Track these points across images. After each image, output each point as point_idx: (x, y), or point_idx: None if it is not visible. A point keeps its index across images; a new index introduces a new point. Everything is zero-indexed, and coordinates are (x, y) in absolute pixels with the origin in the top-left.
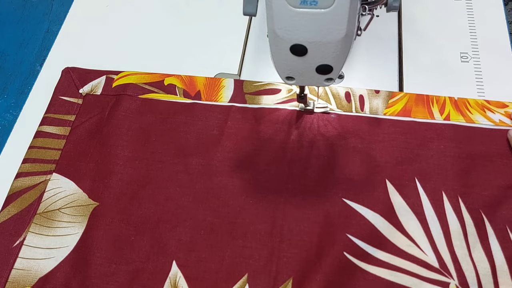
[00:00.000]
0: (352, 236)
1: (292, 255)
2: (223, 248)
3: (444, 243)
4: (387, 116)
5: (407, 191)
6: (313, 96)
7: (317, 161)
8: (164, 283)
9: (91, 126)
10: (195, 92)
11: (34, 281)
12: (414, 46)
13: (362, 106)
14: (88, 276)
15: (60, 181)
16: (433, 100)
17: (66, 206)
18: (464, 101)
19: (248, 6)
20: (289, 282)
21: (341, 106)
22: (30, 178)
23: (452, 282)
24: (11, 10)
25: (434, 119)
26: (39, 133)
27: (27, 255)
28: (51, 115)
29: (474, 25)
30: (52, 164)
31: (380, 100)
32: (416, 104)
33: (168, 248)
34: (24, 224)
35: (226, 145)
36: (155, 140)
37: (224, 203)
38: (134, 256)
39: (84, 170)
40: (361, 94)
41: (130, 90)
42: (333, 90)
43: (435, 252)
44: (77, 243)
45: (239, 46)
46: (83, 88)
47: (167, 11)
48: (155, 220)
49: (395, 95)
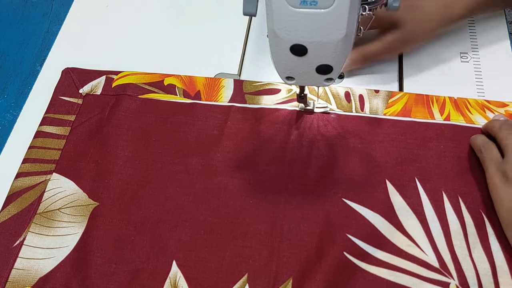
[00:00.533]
0: (352, 236)
1: (292, 255)
2: (223, 248)
3: (444, 243)
4: (387, 116)
5: (407, 191)
6: (313, 96)
7: (317, 161)
8: (164, 283)
9: (91, 126)
10: (195, 92)
11: (34, 281)
12: (414, 46)
13: (362, 106)
14: (88, 276)
15: (60, 181)
16: (433, 100)
17: (66, 206)
18: (464, 101)
19: (248, 6)
20: (289, 282)
21: (341, 106)
22: (30, 178)
23: (452, 282)
24: (11, 10)
25: (434, 119)
26: (39, 133)
27: (27, 255)
28: (51, 115)
29: (474, 25)
30: (52, 164)
31: (380, 100)
32: (416, 104)
33: (168, 248)
34: (24, 224)
35: (226, 145)
36: (155, 140)
37: (224, 203)
38: (134, 256)
39: (84, 170)
40: (360, 94)
41: (130, 90)
42: (333, 90)
43: (435, 252)
44: (77, 243)
45: (239, 46)
46: (83, 88)
47: (167, 11)
48: (155, 220)
49: (395, 95)
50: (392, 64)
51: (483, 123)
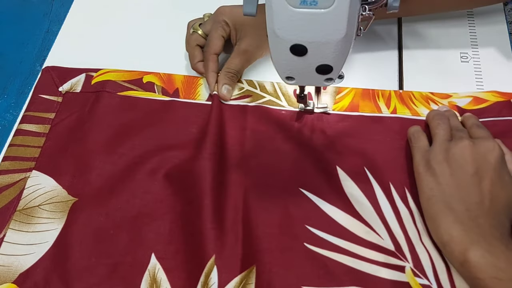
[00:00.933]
0: (311, 227)
1: (254, 244)
2: (196, 235)
3: (398, 226)
4: (336, 112)
5: (360, 182)
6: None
7: (276, 155)
8: (143, 275)
9: (71, 124)
10: (173, 89)
11: (14, 276)
12: (414, 46)
13: None
14: (68, 270)
15: (39, 178)
16: (378, 94)
17: (46, 203)
18: (409, 94)
19: (248, 6)
20: (253, 269)
21: (291, 103)
22: (10, 176)
23: (407, 265)
24: (11, 10)
25: (382, 113)
26: (19, 131)
27: (7, 251)
28: (31, 113)
29: (474, 25)
30: (31, 161)
31: (328, 97)
32: (363, 99)
33: (147, 241)
34: (4, 221)
35: (204, 141)
36: (134, 136)
37: (197, 195)
38: (113, 250)
39: (63, 166)
40: (309, 91)
41: (109, 87)
42: (283, 89)
43: (390, 236)
44: (56, 238)
45: None
46: (62, 86)
47: (167, 11)
48: (134, 214)
49: (342, 91)
50: (392, 64)
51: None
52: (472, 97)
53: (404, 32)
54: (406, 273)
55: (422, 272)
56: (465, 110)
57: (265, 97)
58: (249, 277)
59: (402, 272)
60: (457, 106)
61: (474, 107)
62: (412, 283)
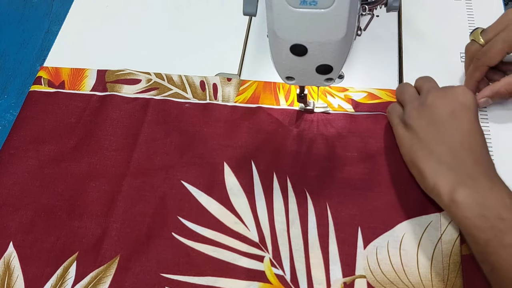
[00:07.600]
0: (182, 218)
1: (122, 234)
2: (60, 229)
3: (266, 219)
4: (238, 104)
5: (242, 173)
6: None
7: (163, 146)
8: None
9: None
10: (59, 82)
11: None
12: (414, 46)
13: (216, 94)
14: None
15: None
16: (279, 86)
17: None
18: (308, 88)
19: (248, 6)
20: (116, 259)
21: (196, 95)
22: None
23: (267, 256)
24: (11, 10)
25: (280, 105)
26: None
27: None
28: None
29: (474, 25)
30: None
31: (232, 88)
32: (264, 91)
33: (8, 229)
34: None
35: (80, 132)
36: (13, 127)
37: (69, 187)
38: None
39: None
40: (214, 82)
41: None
42: (189, 80)
43: (257, 228)
44: None
45: (239, 46)
46: None
47: (167, 11)
48: (0, 204)
49: (245, 83)
50: (392, 64)
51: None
52: (367, 93)
53: (404, 32)
54: (264, 263)
55: (279, 263)
56: (359, 104)
57: (171, 89)
58: (108, 269)
59: (260, 261)
60: (352, 99)
61: (367, 101)
62: (268, 272)
